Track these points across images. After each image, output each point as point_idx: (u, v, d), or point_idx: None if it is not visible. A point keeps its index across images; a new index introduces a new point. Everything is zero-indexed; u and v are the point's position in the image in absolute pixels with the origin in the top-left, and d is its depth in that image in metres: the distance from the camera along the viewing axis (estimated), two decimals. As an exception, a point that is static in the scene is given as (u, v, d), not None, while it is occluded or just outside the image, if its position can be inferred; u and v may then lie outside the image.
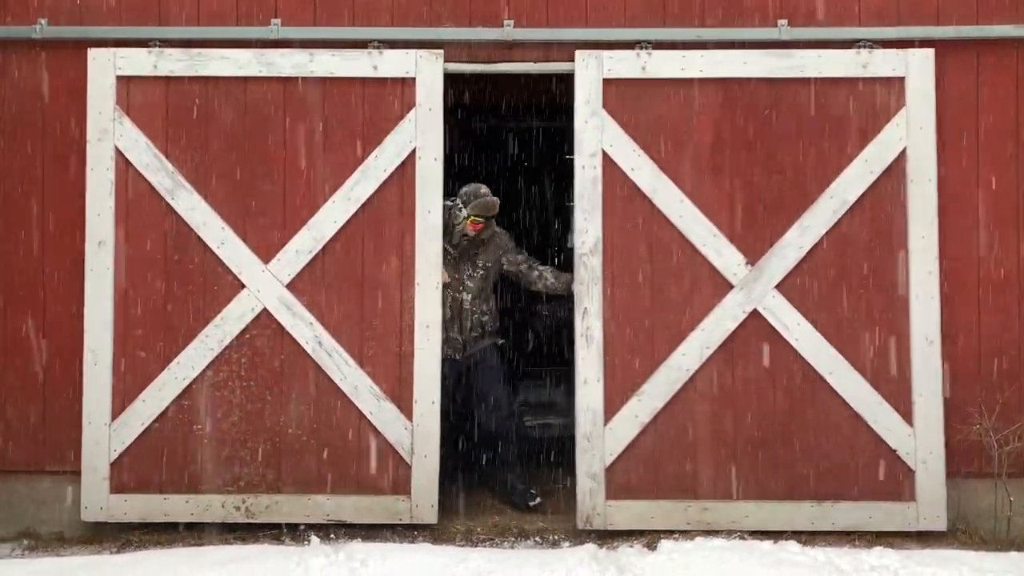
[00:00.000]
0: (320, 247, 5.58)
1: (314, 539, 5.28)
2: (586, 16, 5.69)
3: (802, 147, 5.60)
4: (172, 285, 5.59)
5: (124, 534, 5.53)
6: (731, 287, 5.55)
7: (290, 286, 5.58)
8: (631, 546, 5.31)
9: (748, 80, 5.60)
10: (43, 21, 5.66)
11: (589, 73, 5.62)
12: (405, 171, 5.60)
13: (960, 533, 5.47)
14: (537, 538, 5.57)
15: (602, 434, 5.54)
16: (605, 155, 5.60)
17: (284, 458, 5.59)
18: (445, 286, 5.86)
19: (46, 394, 5.66)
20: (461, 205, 5.99)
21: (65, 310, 5.65)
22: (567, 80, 5.82)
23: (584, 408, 5.56)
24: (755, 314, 5.54)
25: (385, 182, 5.60)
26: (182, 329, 5.58)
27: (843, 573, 4.69)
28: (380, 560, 4.81)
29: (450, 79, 5.76)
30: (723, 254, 5.56)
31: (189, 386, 5.57)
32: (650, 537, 5.40)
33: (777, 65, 5.59)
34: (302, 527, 5.53)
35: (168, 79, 5.61)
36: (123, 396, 5.56)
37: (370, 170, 5.60)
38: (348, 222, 5.59)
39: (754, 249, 5.56)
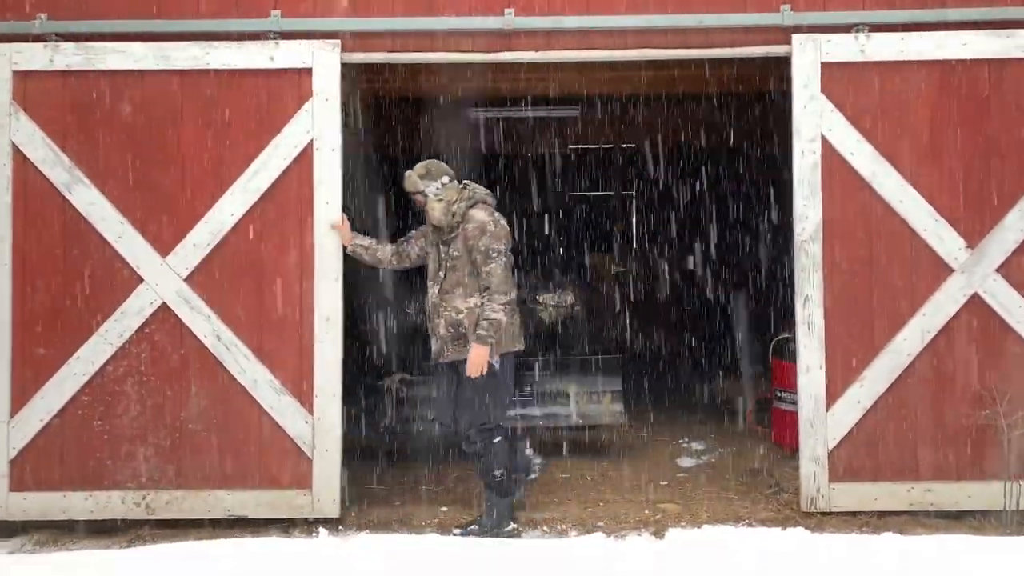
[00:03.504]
0: (218, 240, 5.53)
1: (322, 531, 5.32)
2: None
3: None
4: (71, 280, 5.54)
5: (134, 529, 5.51)
6: (952, 271, 5.52)
7: (188, 279, 5.54)
8: (639, 535, 5.35)
9: (967, 61, 5.55)
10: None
11: (806, 56, 5.57)
12: (303, 162, 5.55)
13: None
14: (545, 527, 5.56)
15: (824, 419, 5.54)
16: (824, 140, 5.56)
17: (185, 453, 5.54)
18: (428, 278, 5.51)
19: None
20: None
21: None
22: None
23: (807, 394, 5.57)
24: (976, 297, 5.51)
25: (283, 173, 5.55)
26: (81, 324, 5.53)
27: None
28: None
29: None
30: (944, 238, 5.52)
31: (89, 381, 5.52)
32: (656, 527, 5.46)
33: (999, 45, 5.53)
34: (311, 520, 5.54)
35: (65, 73, 5.56)
36: (22, 393, 5.52)
37: (268, 161, 5.55)
38: (246, 214, 5.54)
39: (973, 232, 5.53)
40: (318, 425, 5.52)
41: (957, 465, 5.53)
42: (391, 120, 9.28)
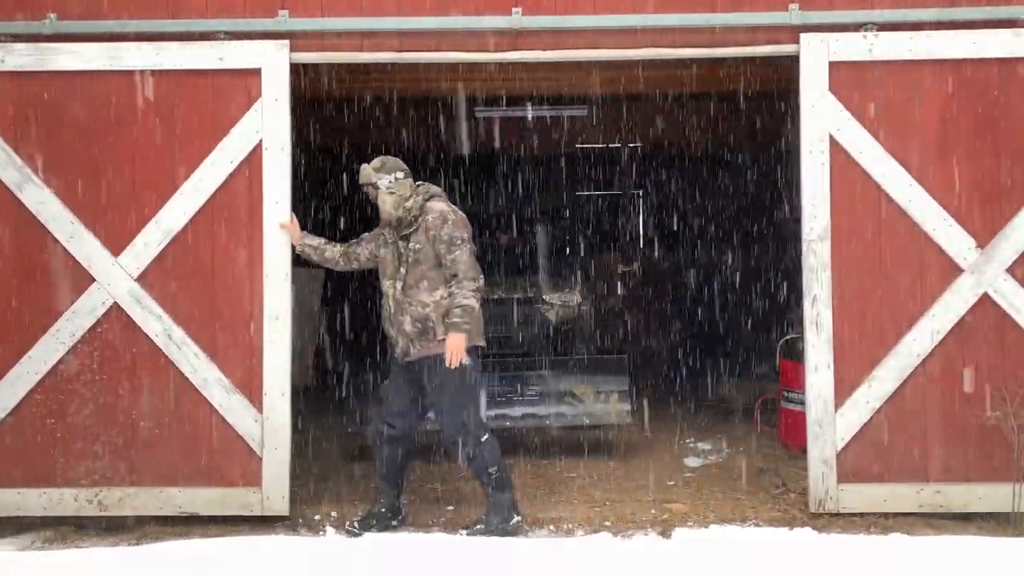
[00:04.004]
0: (169, 239, 5.57)
1: (329, 529, 5.37)
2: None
3: (1034, 127, 5.53)
4: (22, 280, 5.59)
5: (142, 526, 5.56)
6: (961, 271, 5.50)
7: (140, 279, 5.57)
8: (646, 534, 5.37)
9: (977, 60, 5.52)
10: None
11: (814, 56, 5.56)
12: (252, 162, 5.58)
13: None
14: (551, 526, 5.58)
15: (833, 420, 5.54)
16: (832, 139, 5.55)
17: (137, 451, 5.59)
18: (387, 277, 5.44)
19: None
20: None
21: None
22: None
23: (815, 395, 5.56)
24: (985, 298, 5.50)
25: (233, 173, 5.58)
26: (34, 324, 5.58)
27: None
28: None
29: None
30: (953, 238, 5.50)
31: (42, 381, 5.57)
32: (663, 526, 5.47)
33: (1010, 44, 5.49)
34: (317, 517, 5.64)
35: (17, 73, 5.59)
36: (-25, 392, 5.58)
37: (218, 162, 5.57)
38: (196, 214, 5.57)
39: (983, 232, 5.51)
40: (267, 424, 5.56)
41: (967, 466, 5.52)
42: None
